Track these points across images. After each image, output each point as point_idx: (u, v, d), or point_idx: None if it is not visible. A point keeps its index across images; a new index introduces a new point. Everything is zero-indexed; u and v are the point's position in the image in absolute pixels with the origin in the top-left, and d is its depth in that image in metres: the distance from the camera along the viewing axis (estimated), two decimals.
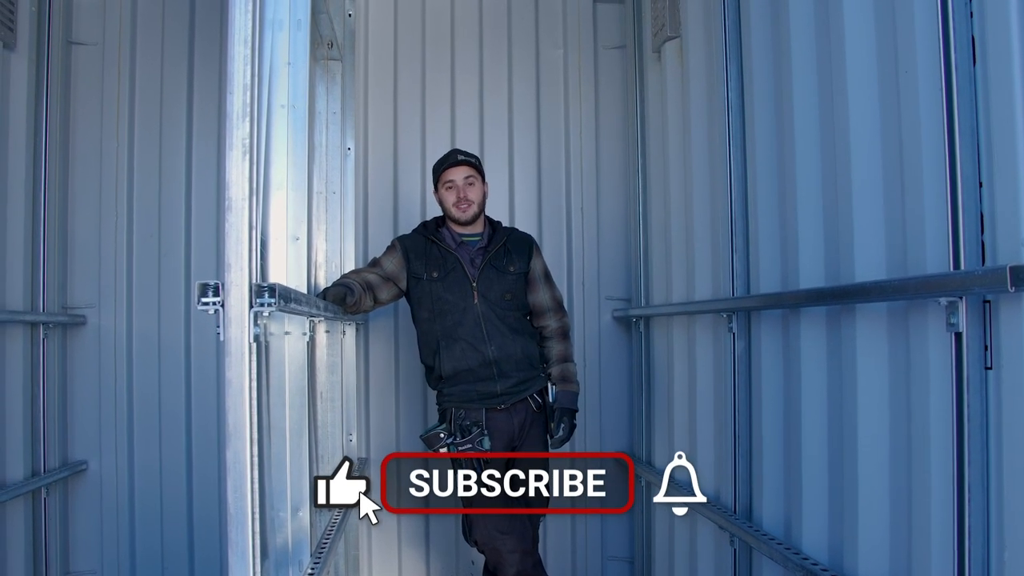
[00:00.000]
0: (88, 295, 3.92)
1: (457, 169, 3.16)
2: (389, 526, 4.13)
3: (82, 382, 3.89)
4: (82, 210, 3.92)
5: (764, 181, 2.75)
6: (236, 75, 1.54)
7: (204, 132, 4.02)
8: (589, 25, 4.28)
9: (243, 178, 1.53)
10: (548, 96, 4.26)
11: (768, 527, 2.69)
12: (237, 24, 1.54)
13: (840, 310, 2.26)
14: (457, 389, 3.09)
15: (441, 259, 3.14)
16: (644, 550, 3.95)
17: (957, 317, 1.73)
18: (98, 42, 3.95)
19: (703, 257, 3.29)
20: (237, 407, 1.53)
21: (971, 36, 1.78)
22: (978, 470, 1.71)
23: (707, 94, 3.25)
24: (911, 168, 1.95)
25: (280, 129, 2.18)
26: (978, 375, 1.72)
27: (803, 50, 2.48)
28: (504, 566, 3.00)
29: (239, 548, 1.54)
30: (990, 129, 1.73)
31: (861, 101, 2.16)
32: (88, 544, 3.89)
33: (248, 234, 1.53)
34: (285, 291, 1.67)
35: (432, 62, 4.22)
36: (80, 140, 3.92)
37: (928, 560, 1.86)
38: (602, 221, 4.24)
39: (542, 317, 3.26)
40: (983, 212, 1.75)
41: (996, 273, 1.57)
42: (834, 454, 2.31)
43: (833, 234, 2.31)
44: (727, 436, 2.97)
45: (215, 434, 3.91)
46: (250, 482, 1.55)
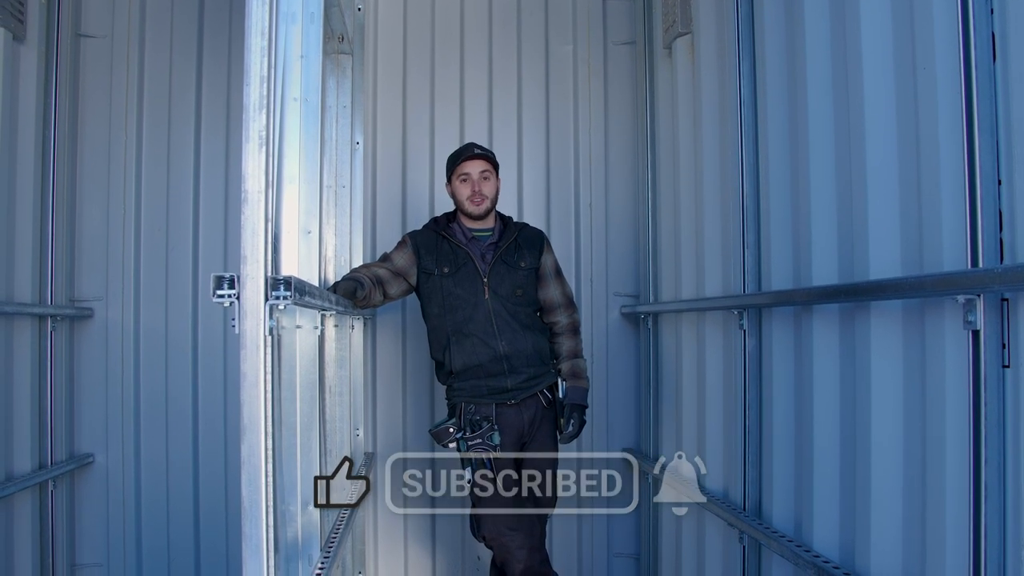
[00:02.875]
0: (96, 288, 3.93)
1: (474, 162, 3.14)
2: (395, 521, 4.13)
3: (89, 375, 3.90)
4: (90, 203, 3.93)
5: (776, 176, 2.74)
6: (253, 67, 1.53)
7: (212, 126, 4.03)
8: (599, 21, 4.27)
9: (259, 170, 1.52)
10: (557, 92, 4.25)
11: (778, 525, 2.68)
12: (255, 16, 1.53)
13: (854, 308, 2.24)
14: (467, 384, 3.08)
15: (452, 254, 3.13)
16: (650, 547, 3.95)
17: (975, 315, 1.72)
18: (107, 35, 3.96)
19: (713, 253, 3.28)
20: (252, 400, 1.51)
21: (991, 33, 1.76)
22: (995, 469, 1.70)
23: (719, 89, 3.23)
24: (928, 165, 1.94)
25: (293, 122, 2.17)
26: (995, 373, 1.72)
27: (817, 45, 2.46)
28: (512, 562, 3.00)
29: (253, 542, 1.53)
30: (1010, 126, 1.72)
31: (877, 96, 2.15)
32: (94, 537, 3.90)
33: (264, 227, 1.52)
34: (300, 284, 1.66)
35: (441, 56, 4.21)
36: (88, 133, 3.93)
37: (943, 558, 1.85)
38: (611, 217, 4.23)
39: (552, 313, 3.25)
40: (1002, 210, 1.75)
41: (1015, 271, 1.57)
42: (846, 452, 2.30)
43: (847, 231, 2.30)
44: (737, 434, 2.97)
45: (222, 427, 3.92)
46: (264, 476, 1.54)
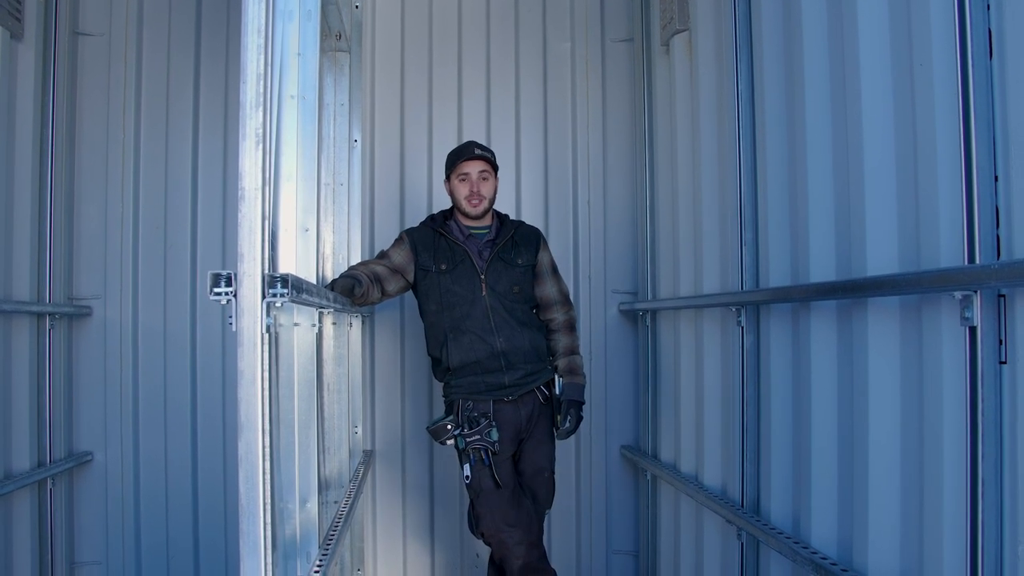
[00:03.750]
0: (94, 286, 3.92)
1: (473, 163, 3.14)
2: (394, 518, 4.14)
3: (88, 373, 3.90)
4: (88, 202, 3.93)
5: (774, 173, 2.74)
6: (250, 64, 1.53)
7: (210, 124, 4.02)
8: (597, 18, 4.27)
9: (256, 168, 1.52)
10: (555, 89, 4.25)
11: (776, 521, 2.68)
12: (251, 13, 1.53)
13: (851, 304, 2.25)
14: (465, 381, 3.09)
15: (449, 251, 3.13)
16: (649, 544, 3.95)
17: (972, 311, 1.72)
18: (104, 33, 3.95)
19: (711, 250, 3.28)
20: (249, 398, 1.51)
21: (988, 29, 1.77)
22: (992, 465, 1.71)
23: (716, 86, 3.23)
24: (925, 161, 1.94)
25: (290, 120, 2.16)
26: (992, 369, 1.72)
27: (815, 42, 2.47)
28: (510, 558, 3.00)
29: (251, 539, 1.53)
30: (1007, 123, 1.72)
31: (874, 93, 2.15)
32: (93, 535, 3.91)
33: (261, 224, 1.52)
34: (297, 282, 1.66)
35: (439, 54, 4.21)
36: (86, 131, 3.93)
37: (940, 554, 1.85)
38: (609, 214, 4.23)
39: (549, 310, 3.25)
40: (998, 206, 1.75)
41: (1012, 267, 1.57)
42: (844, 448, 2.31)
43: (844, 227, 2.30)
44: (735, 430, 2.97)
45: (220, 425, 3.92)
46: (262, 473, 1.54)
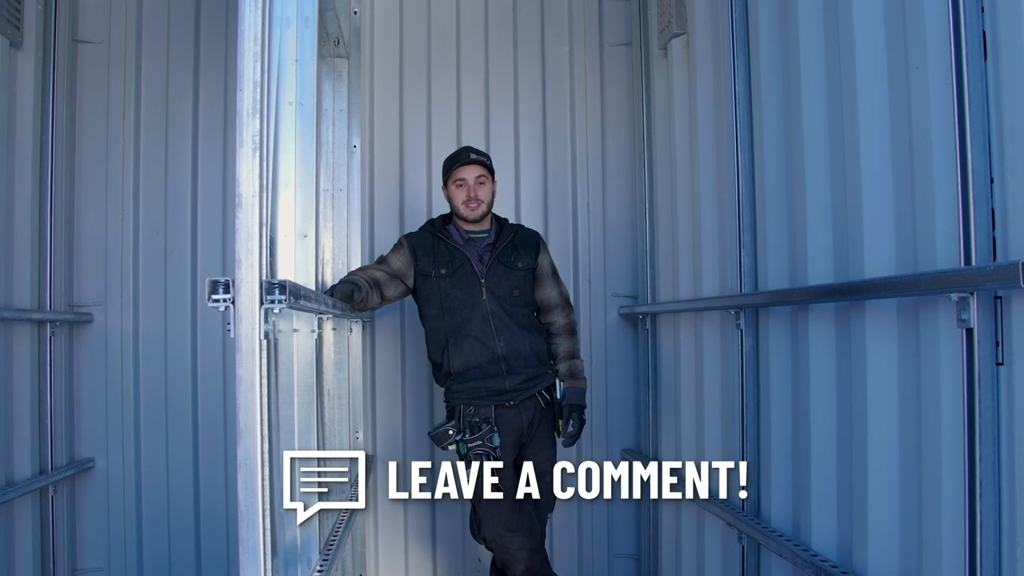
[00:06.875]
0: (94, 293, 3.93)
1: (469, 168, 3.15)
2: (396, 523, 4.14)
3: (89, 380, 3.90)
4: (88, 208, 3.93)
5: (772, 177, 2.74)
6: (246, 72, 1.54)
7: (210, 130, 4.03)
8: (595, 22, 4.27)
9: (253, 175, 1.53)
10: (554, 93, 4.25)
11: (776, 524, 2.68)
12: (247, 21, 1.54)
13: (849, 307, 2.25)
14: (466, 386, 3.09)
15: (449, 256, 3.14)
16: (651, 547, 3.95)
17: (968, 313, 1.72)
18: (104, 40, 3.96)
19: (710, 254, 3.28)
20: (248, 404, 1.52)
21: (982, 31, 1.77)
22: (990, 466, 1.71)
23: (714, 90, 3.24)
24: (921, 164, 1.95)
25: (288, 126, 2.17)
26: (989, 371, 1.72)
27: (812, 45, 2.47)
28: (512, 563, 3.00)
29: (250, 545, 1.54)
30: (1002, 125, 1.72)
31: (870, 96, 2.16)
32: (95, 541, 3.90)
33: (259, 231, 1.53)
34: (295, 288, 1.67)
35: (438, 58, 4.22)
36: (86, 138, 3.93)
37: (939, 556, 1.85)
38: (608, 218, 4.23)
39: (549, 313, 3.25)
40: (994, 208, 1.75)
41: (1008, 269, 1.57)
42: (843, 451, 2.31)
43: (842, 230, 2.30)
44: (735, 433, 2.97)
45: (222, 431, 3.92)
46: (261, 479, 1.55)
